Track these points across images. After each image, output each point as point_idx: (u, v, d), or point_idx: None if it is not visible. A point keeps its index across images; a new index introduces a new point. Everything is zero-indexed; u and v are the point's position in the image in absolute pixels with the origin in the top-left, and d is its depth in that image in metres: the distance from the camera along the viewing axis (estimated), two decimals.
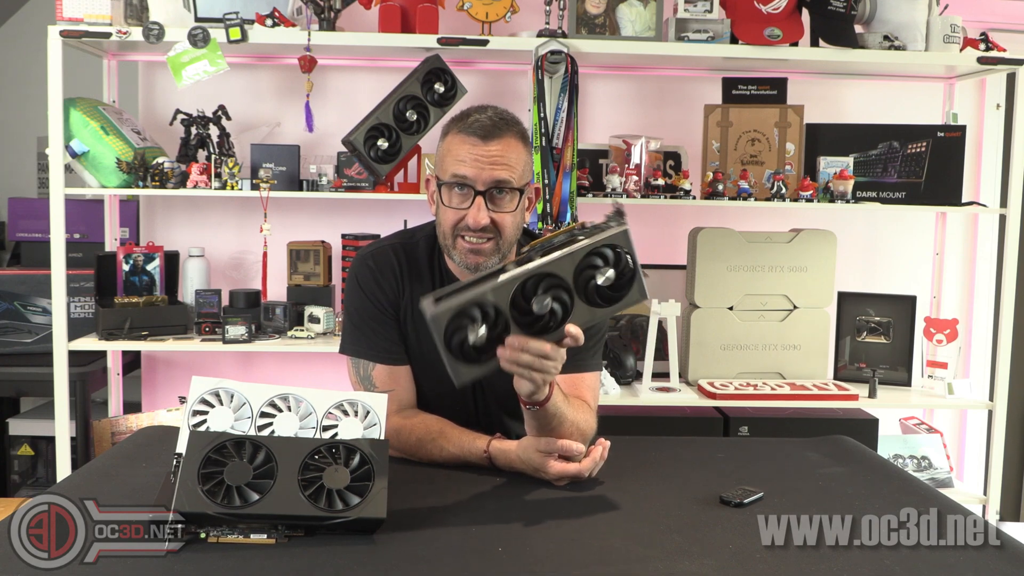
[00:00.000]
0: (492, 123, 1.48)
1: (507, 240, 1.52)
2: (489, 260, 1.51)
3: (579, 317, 1.25)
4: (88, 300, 2.72)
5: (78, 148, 2.46)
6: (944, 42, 2.56)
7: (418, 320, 1.60)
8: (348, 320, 1.63)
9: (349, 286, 1.64)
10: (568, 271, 1.22)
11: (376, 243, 1.65)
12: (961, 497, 2.35)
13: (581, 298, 1.24)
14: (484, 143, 1.47)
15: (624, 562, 1.08)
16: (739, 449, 1.68)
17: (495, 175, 1.47)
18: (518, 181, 1.50)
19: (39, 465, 3.00)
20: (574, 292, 1.23)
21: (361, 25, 2.64)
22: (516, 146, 1.50)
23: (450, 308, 1.20)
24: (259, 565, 1.04)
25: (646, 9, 2.52)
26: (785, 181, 2.60)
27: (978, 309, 3.08)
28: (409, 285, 1.60)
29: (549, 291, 1.22)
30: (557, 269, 1.22)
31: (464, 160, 1.47)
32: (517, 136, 1.51)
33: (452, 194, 1.50)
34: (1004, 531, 1.19)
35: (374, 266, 1.60)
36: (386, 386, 1.57)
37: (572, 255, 1.22)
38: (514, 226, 1.52)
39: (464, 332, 1.20)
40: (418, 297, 1.58)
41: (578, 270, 1.23)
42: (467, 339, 1.20)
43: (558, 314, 1.23)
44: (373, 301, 1.59)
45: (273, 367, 2.92)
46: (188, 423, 1.18)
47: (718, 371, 2.70)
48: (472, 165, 1.47)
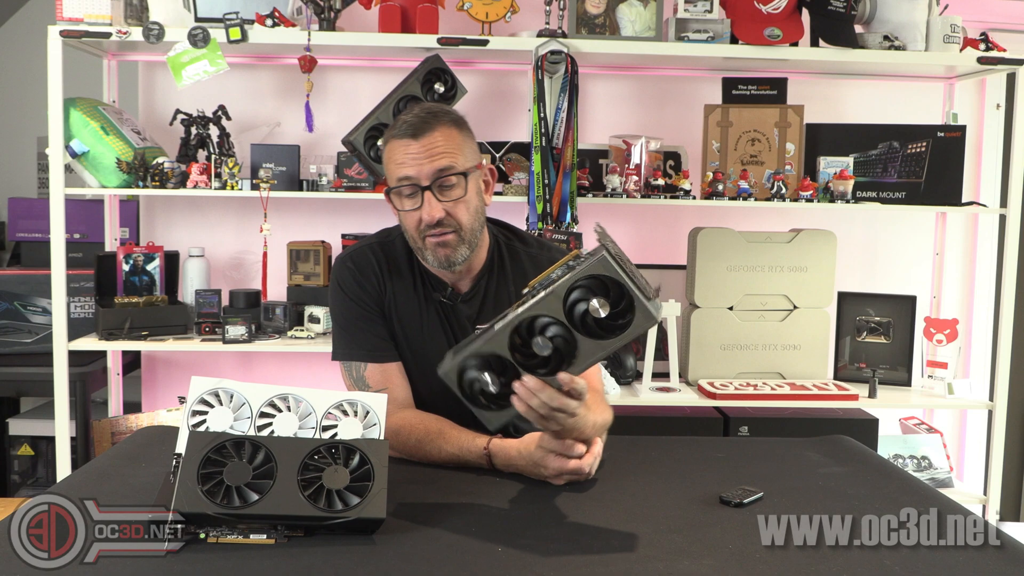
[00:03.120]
0: (419, 120, 1.49)
1: (468, 228, 1.53)
2: (458, 252, 1.53)
3: (587, 352, 1.20)
4: (88, 300, 2.72)
5: (78, 148, 2.46)
6: (944, 42, 2.56)
7: (403, 317, 1.61)
8: (335, 325, 1.64)
9: (332, 291, 1.65)
10: (557, 309, 1.18)
11: (354, 245, 1.67)
12: (961, 497, 2.35)
13: (582, 333, 1.20)
14: (416, 140, 1.49)
15: (624, 562, 1.08)
16: (739, 449, 1.68)
17: (435, 166, 1.48)
18: (461, 165, 1.51)
19: (39, 465, 3.00)
20: (572, 329, 1.19)
21: (361, 25, 2.64)
22: (449, 133, 1.51)
23: (454, 367, 1.21)
24: (259, 565, 1.04)
25: (646, 9, 2.52)
26: (785, 181, 2.60)
27: (978, 309, 3.08)
28: (390, 282, 1.61)
29: (545, 331, 1.20)
30: (544, 310, 1.19)
31: (403, 162, 1.49)
32: (448, 124, 1.52)
33: (403, 198, 1.52)
34: (1004, 531, 1.19)
35: (354, 267, 1.61)
36: (379, 385, 1.57)
37: (555, 293, 1.18)
38: (471, 212, 1.53)
39: (478, 384, 1.21)
40: (400, 294, 1.60)
41: (568, 306, 1.19)
42: (484, 390, 1.21)
43: (563, 351, 1.20)
44: (357, 301, 1.60)
45: (273, 367, 2.92)
46: (188, 423, 1.18)
47: (718, 371, 2.70)
48: (411, 164, 1.49)
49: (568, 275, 1.18)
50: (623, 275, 1.16)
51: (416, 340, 1.62)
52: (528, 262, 1.66)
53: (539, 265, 1.61)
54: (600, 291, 1.17)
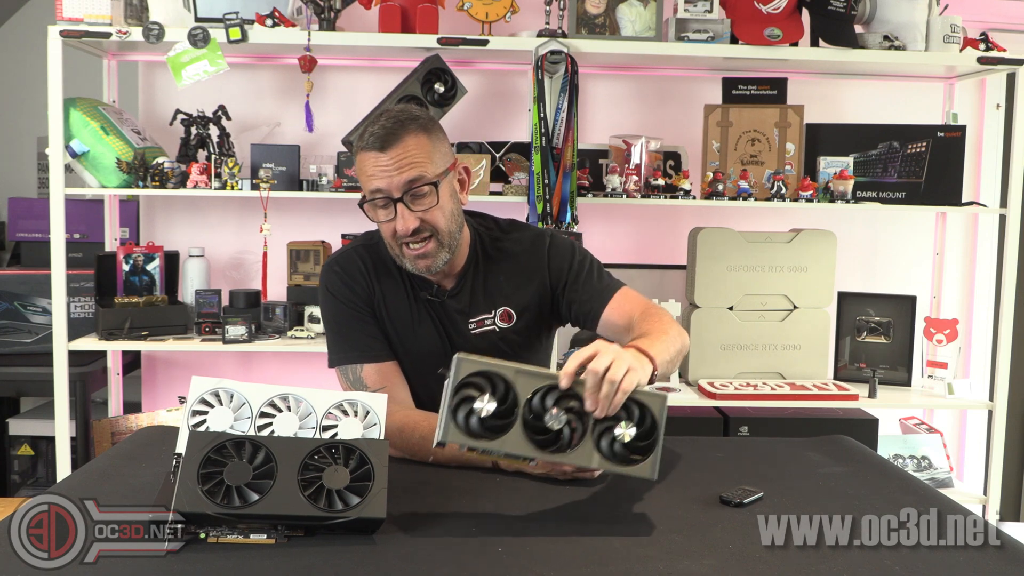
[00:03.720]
0: (386, 131, 1.47)
1: (446, 232, 1.53)
2: (438, 259, 1.54)
3: (580, 455, 1.19)
4: (88, 300, 2.72)
5: (78, 148, 2.46)
6: (944, 42, 2.56)
7: (394, 317, 1.62)
8: (328, 331, 1.64)
9: (322, 298, 1.65)
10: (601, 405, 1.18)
11: (339, 250, 1.68)
12: (961, 497, 2.35)
13: (593, 438, 1.18)
14: (384, 152, 1.47)
15: (624, 562, 1.08)
16: (739, 449, 1.68)
17: (404, 178, 1.47)
18: (431, 173, 1.49)
19: (39, 465, 3.00)
20: (589, 429, 1.18)
21: (361, 25, 2.64)
22: (417, 142, 1.48)
23: (478, 364, 1.19)
24: (259, 565, 1.04)
25: (646, 9, 2.52)
26: (785, 181, 2.60)
27: (978, 309, 3.08)
28: (378, 283, 1.62)
29: (571, 412, 1.18)
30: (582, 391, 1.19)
31: (373, 175, 1.48)
32: (416, 132, 1.49)
33: (377, 210, 1.52)
34: (1004, 531, 1.19)
35: (340, 270, 1.62)
36: (377, 385, 1.57)
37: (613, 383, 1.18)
38: (447, 216, 1.53)
39: (474, 397, 1.18)
40: (389, 294, 1.61)
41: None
42: (473, 404, 1.18)
43: (563, 440, 1.18)
44: (347, 303, 1.60)
45: (273, 367, 2.92)
46: (188, 423, 1.18)
47: (718, 371, 2.70)
48: (381, 177, 1.48)
49: None
50: (662, 421, 1.19)
51: (408, 339, 1.62)
52: (513, 246, 1.67)
53: (522, 248, 1.65)
54: (632, 417, 1.19)
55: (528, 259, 1.66)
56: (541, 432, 1.18)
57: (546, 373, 1.20)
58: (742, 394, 2.55)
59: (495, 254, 1.66)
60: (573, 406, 1.19)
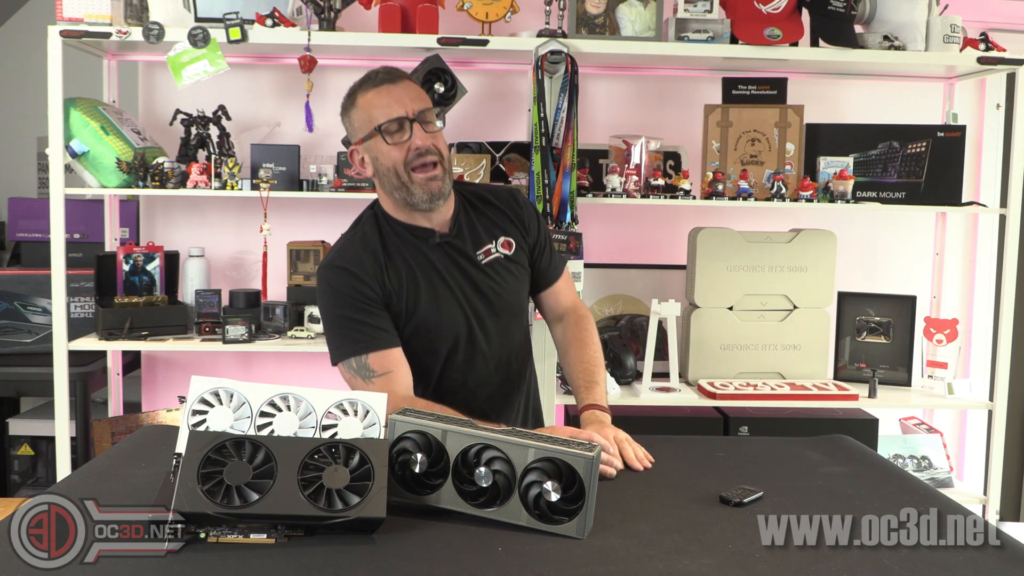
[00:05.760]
0: (388, 71, 1.66)
1: (447, 157, 1.65)
2: (445, 184, 1.63)
3: (507, 511, 1.18)
4: (88, 300, 2.72)
5: (78, 148, 2.46)
6: (944, 42, 2.56)
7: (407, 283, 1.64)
8: (330, 328, 1.64)
9: (321, 298, 1.66)
10: (521, 463, 1.17)
11: (330, 252, 1.69)
12: (961, 497, 2.35)
13: (520, 494, 1.17)
14: (396, 85, 1.63)
15: (624, 562, 1.08)
16: (739, 449, 1.68)
17: (416, 105, 1.61)
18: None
19: (39, 465, 3.00)
20: (515, 487, 1.18)
21: (361, 25, 2.64)
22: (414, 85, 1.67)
23: (411, 424, 1.21)
24: (259, 565, 1.04)
25: (646, 9, 2.52)
26: (785, 181, 2.60)
27: (978, 309, 3.08)
28: (384, 256, 1.65)
29: (499, 470, 1.18)
30: (514, 454, 1.18)
31: (387, 104, 1.61)
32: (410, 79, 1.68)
33: (392, 135, 1.60)
34: (1004, 531, 1.19)
35: (343, 264, 1.63)
36: (383, 370, 1.58)
37: (535, 449, 1.17)
38: (446, 148, 1.66)
39: (410, 454, 1.20)
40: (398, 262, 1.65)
41: (526, 470, 1.17)
42: (409, 462, 1.20)
43: (491, 496, 1.19)
44: (351, 293, 1.61)
45: (273, 367, 2.92)
46: (188, 423, 1.18)
47: (718, 371, 2.70)
48: (398, 104, 1.60)
49: (556, 446, 1.17)
50: (590, 482, 1.16)
51: (428, 290, 1.65)
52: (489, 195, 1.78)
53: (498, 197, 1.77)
54: (559, 478, 1.16)
55: (506, 206, 1.77)
56: (472, 488, 1.19)
57: (475, 433, 1.20)
58: (742, 394, 2.55)
59: (476, 201, 1.76)
60: (500, 468, 1.19)
